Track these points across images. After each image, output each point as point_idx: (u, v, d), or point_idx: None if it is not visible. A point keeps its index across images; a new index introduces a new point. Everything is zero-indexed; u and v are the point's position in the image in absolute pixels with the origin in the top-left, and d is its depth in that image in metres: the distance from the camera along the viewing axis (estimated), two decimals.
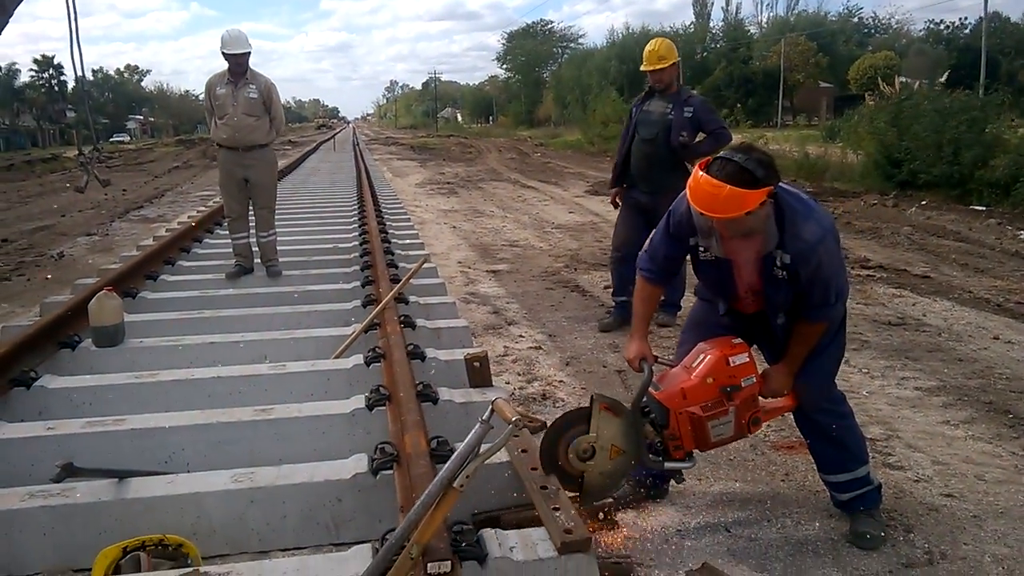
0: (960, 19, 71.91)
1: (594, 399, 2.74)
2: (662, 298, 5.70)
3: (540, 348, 5.34)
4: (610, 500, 3.13)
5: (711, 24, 71.38)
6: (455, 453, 2.14)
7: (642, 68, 5.71)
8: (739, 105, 45.74)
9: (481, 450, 2.15)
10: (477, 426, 2.14)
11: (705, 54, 65.03)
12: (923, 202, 13.05)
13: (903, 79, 30.11)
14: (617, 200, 6.02)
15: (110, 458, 3.23)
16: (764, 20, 71.74)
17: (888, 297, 6.67)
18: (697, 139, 5.61)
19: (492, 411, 2.17)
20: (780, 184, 2.65)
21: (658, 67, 5.56)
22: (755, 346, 3.02)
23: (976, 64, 34.38)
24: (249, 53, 6.10)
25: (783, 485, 3.38)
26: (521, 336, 5.65)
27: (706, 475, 3.46)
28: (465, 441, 2.13)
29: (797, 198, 2.71)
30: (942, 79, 17.45)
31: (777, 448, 3.72)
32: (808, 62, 55.81)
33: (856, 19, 70.88)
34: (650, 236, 3.11)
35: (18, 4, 7.09)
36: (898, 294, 6.78)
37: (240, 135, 6.21)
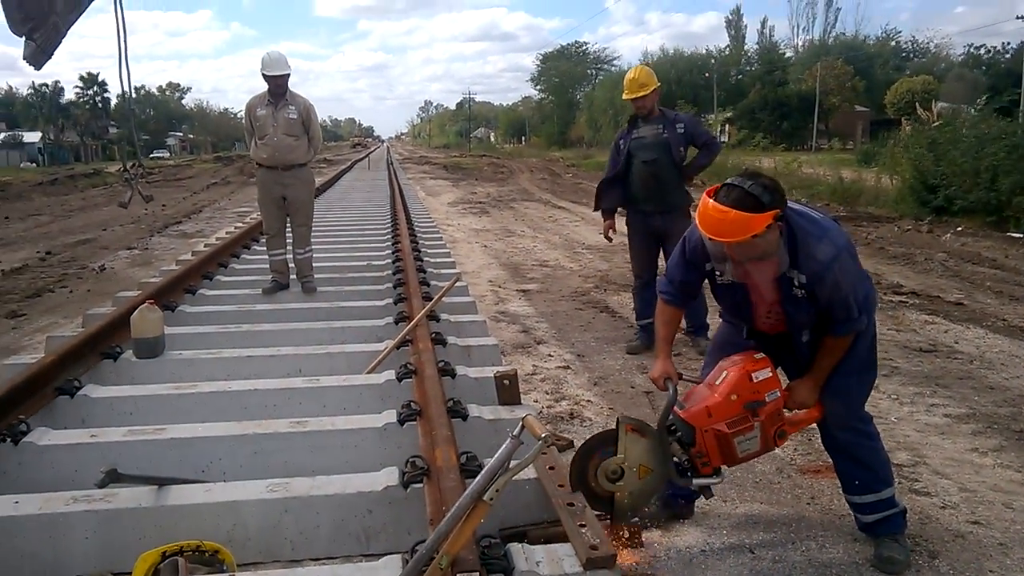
0: (1003, 43, 70.93)
1: (620, 421, 2.80)
2: (689, 325, 5.78)
3: (569, 368, 5.39)
4: (636, 519, 3.20)
5: (746, 47, 71.46)
6: (485, 467, 2.21)
7: (624, 97, 5.89)
8: (769, 133, 45.33)
9: (510, 465, 2.21)
10: (507, 441, 2.21)
11: (740, 77, 65.06)
12: (959, 228, 12.90)
13: (941, 104, 29.84)
14: (609, 235, 6.10)
15: (150, 466, 3.34)
16: (800, 43, 71.66)
17: (920, 324, 6.63)
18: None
19: (522, 427, 2.23)
20: (791, 206, 2.72)
21: (640, 94, 5.71)
22: (780, 367, 3.06)
23: (1017, 88, 33.97)
24: (288, 75, 6.27)
25: (808, 508, 3.39)
26: (550, 355, 5.71)
27: (731, 497, 3.49)
28: (495, 456, 2.20)
29: (809, 219, 2.77)
30: (980, 102, 17.27)
31: (804, 472, 3.73)
32: (844, 86, 55.56)
33: (894, 43, 70.43)
34: (668, 261, 3.19)
35: (72, 24, 7.37)
36: (930, 321, 6.73)
37: (280, 155, 6.37)
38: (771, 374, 2.83)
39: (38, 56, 7.71)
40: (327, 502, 3.01)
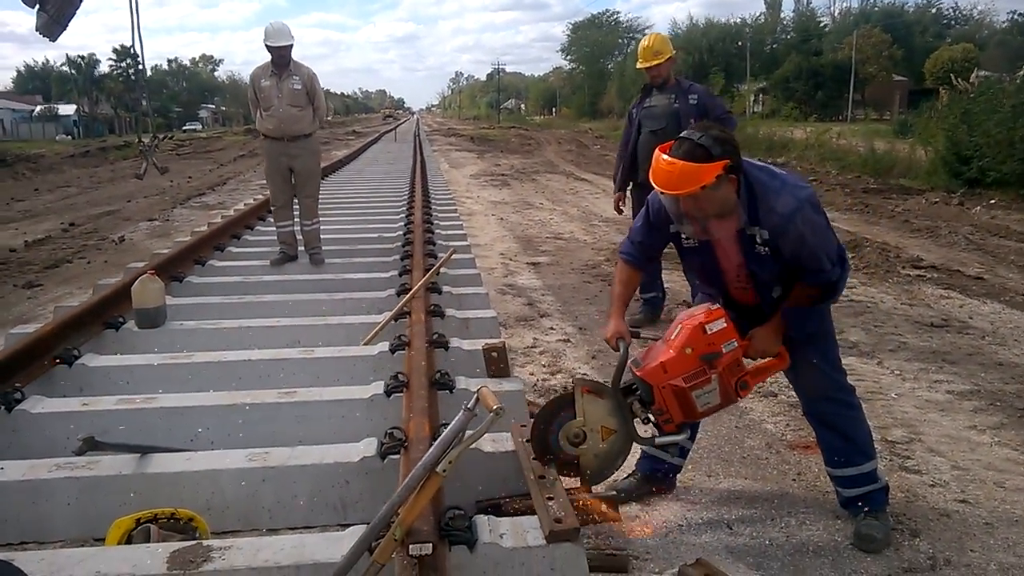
0: None
1: (575, 383, 2.78)
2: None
3: (569, 341, 5.37)
4: (614, 493, 3.19)
5: (782, 15, 69.93)
6: (438, 439, 2.20)
7: (638, 66, 5.75)
8: (803, 104, 44.39)
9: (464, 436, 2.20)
10: (460, 413, 2.20)
11: (774, 46, 63.76)
12: (991, 201, 12.58)
13: (982, 72, 28.97)
14: (620, 206, 6.01)
15: (140, 434, 3.39)
16: (837, 11, 69.96)
17: (935, 298, 6.49)
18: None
19: (477, 399, 2.22)
20: (751, 161, 2.69)
21: (654, 63, 5.59)
22: None
23: None
24: (291, 45, 6.24)
25: (793, 484, 3.35)
26: (552, 328, 5.68)
27: (716, 471, 3.46)
28: (448, 427, 2.19)
29: (769, 173, 2.73)
30: (1021, 71, 16.69)
31: (793, 447, 3.69)
32: (881, 54, 54.16)
33: (935, 10, 68.41)
34: (633, 222, 3.14)
35: (81, 1, 7.42)
36: (946, 295, 6.58)
37: (285, 125, 6.38)
38: (726, 324, 2.75)
39: (51, 27, 7.79)
40: (305, 472, 3.03)
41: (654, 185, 2.66)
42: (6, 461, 3.05)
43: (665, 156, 2.61)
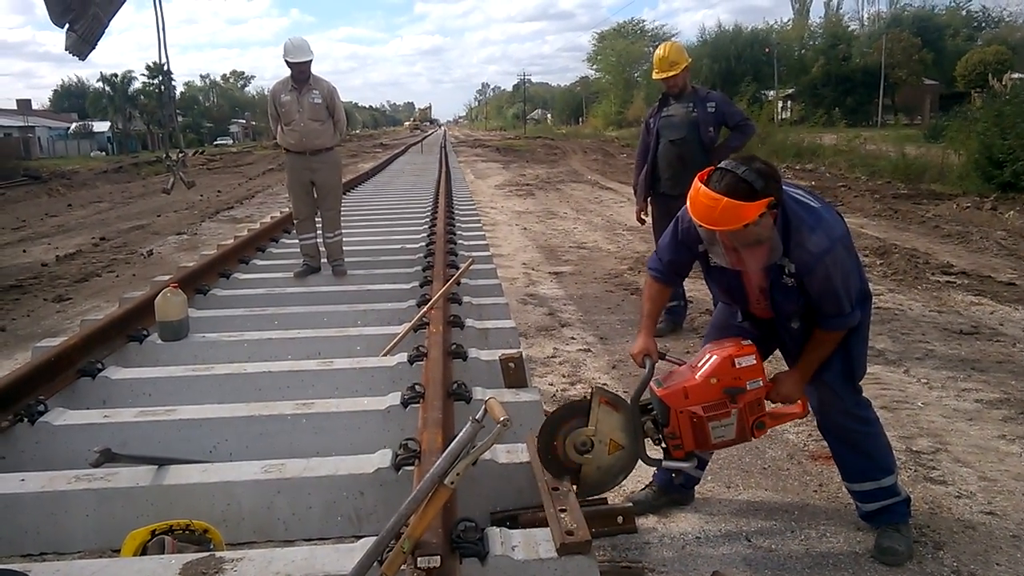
0: None
1: (594, 392, 2.75)
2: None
3: (589, 351, 5.33)
4: (631, 505, 3.15)
5: (810, 20, 69.36)
6: (446, 451, 2.19)
7: (654, 76, 5.73)
8: (832, 109, 43.87)
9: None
10: (468, 425, 2.19)
11: (803, 51, 63.20)
12: None
13: (1015, 75, 28.49)
14: (643, 216, 5.98)
15: (160, 446, 3.43)
16: (866, 15, 69.22)
17: (965, 305, 6.36)
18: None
19: (485, 411, 2.20)
20: (788, 191, 2.61)
21: (671, 73, 5.55)
22: (778, 350, 2.96)
23: None
24: (311, 61, 6.30)
25: (815, 496, 3.29)
26: (572, 338, 5.65)
27: (736, 483, 3.41)
28: (456, 439, 2.18)
29: (806, 208, 2.64)
30: None
31: (815, 458, 3.62)
32: (911, 58, 53.42)
33: (964, 12, 67.43)
34: (660, 239, 3.10)
35: (114, 14, 7.55)
36: (976, 302, 6.45)
37: (307, 139, 6.43)
38: (755, 362, 2.73)
39: (80, 46, 7.95)
40: (319, 483, 3.03)
41: (694, 218, 2.57)
42: (27, 473, 3.09)
43: (705, 188, 2.50)
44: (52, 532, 2.92)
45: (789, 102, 54.99)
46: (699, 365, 2.77)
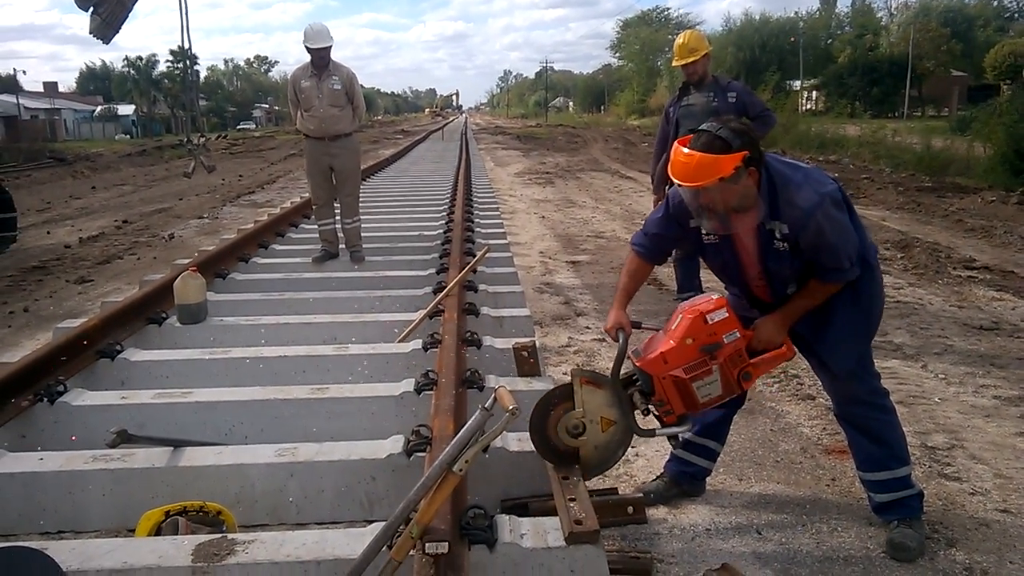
0: None
1: (574, 374, 2.75)
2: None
3: (604, 340, 5.32)
4: (641, 496, 3.16)
5: (837, 10, 68.46)
6: (455, 438, 2.20)
7: (673, 64, 5.69)
8: (857, 100, 43.31)
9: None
10: (477, 413, 2.20)
11: (830, 41, 62.44)
12: None
13: None
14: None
15: (176, 428, 3.47)
16: (894, 6, 68.16)
17: (986, 300, 6.28)
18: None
19: (494, 399, 2.21)
20: (775, 155, 2.64)
21: (690, 60, 5.52)
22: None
23: None
24: (331, 46, 6.31)
25: (827, 490, 3.27)
26: (587, 328, 5.65)
27: (748, 475, 3.39)
28: (465, 427, 2.19)
29: (792, 166, 2.69)
30: None
31: (829, 452, 3.60)
32: (939, 49, 52.60)
33: (996, 3, 66.21)
34: (650, 214, 3.09)
35: (134, 4, 7.60)
36: (998, 297, 6.37)
37: (327, 125, 6.45)
38: (727, 315, 2.70)
39: (104, 30, 8.01)
40: (331, 468, 3.06)
41: (672, 178, 2.63)
42: (46, 452, 3.14)
43: (684, 148, 2.59)
44: (69, 511, 2.97)
45: (814, 92, 54.42)
46: (672, 328, 2.74)
